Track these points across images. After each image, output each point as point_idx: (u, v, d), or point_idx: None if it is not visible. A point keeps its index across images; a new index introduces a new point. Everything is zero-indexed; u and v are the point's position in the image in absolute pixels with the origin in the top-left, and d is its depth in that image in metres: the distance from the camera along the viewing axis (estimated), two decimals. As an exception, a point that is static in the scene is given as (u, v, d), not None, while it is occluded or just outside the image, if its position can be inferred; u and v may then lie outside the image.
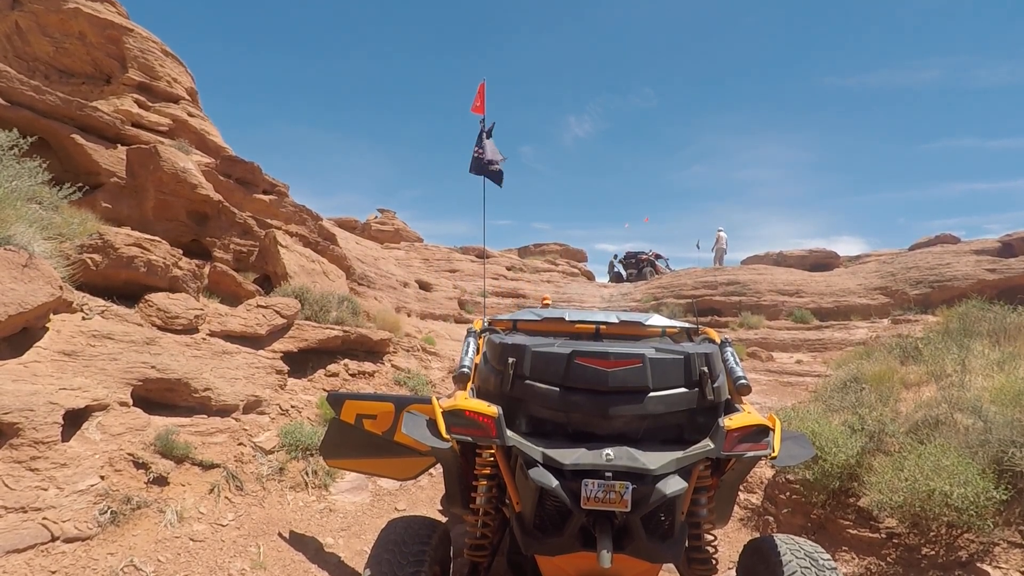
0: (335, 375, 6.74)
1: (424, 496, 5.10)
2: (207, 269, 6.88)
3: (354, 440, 3.55)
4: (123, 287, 5.33)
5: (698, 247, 27.72)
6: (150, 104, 9.68)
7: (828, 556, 2.35)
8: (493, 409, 2.14)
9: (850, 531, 3.73)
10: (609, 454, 1.99)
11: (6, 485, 3.12)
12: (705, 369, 2.20)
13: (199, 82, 11.28)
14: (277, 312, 6.31)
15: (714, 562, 2.43)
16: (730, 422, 2.13)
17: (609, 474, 1.95)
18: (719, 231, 21.76)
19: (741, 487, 4.36)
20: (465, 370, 2.53)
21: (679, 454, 2.05)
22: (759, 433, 2.19)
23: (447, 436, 2.24)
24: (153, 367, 4.48)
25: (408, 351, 8.68)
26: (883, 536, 3.56)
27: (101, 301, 4.89)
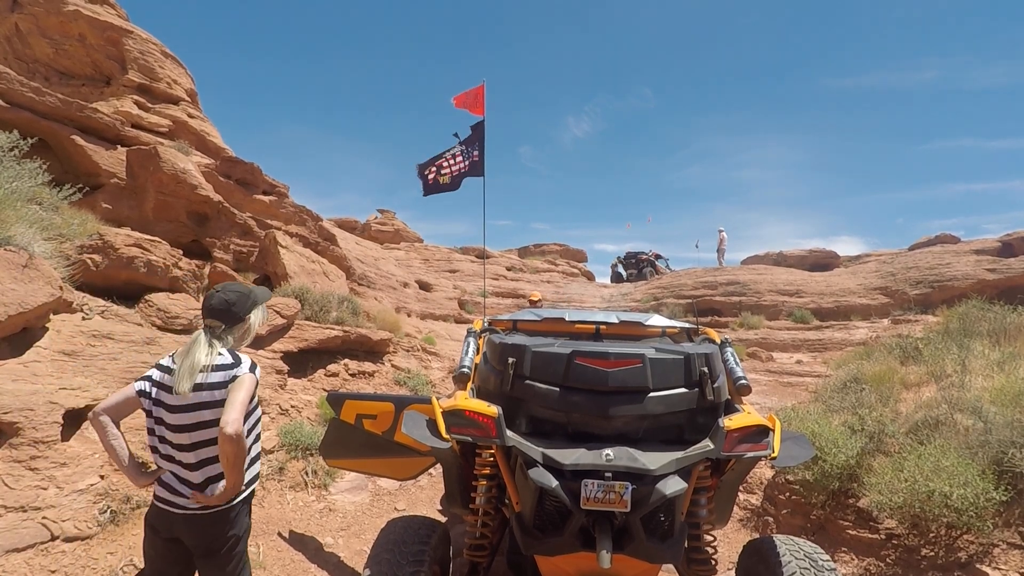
0: (335, 375, 6.74)
1: (424, 496, 5.09)
2: (207, 269, 6.88)
3: (354, 440, 3.55)
4: (123, 287, 5.34)
5: (697, 247, 27.84)
6: (150, 105, 9.69)
7: (827, 557, 2.35)
8: (493, 409, 2.14)
9: (850, 532, 3.73)
10: (609, 454, 1.99)
11: (6, 484, 3.11)
12: (705, 369, 2.20)
13: (199, 84, 11.30)
14: (277, 312, 6.31)
15: (714, 563, 2.42)
16: (730, 422, 2.13)
17: (609, 474, 1.95)
18: (720, 231, 21.75)
19: (741, 487, 4.36)
20: (465, 370, 2.53)
21: (679, 454, 2.05)
22: (759, 433, 2.19)
23: (447, 436, 2.24)
24: (153, 367, 4.48)
25: (408, 351, 8.69)
26: (883, 537, 3.55)
27: (101, 301, 4.89)
